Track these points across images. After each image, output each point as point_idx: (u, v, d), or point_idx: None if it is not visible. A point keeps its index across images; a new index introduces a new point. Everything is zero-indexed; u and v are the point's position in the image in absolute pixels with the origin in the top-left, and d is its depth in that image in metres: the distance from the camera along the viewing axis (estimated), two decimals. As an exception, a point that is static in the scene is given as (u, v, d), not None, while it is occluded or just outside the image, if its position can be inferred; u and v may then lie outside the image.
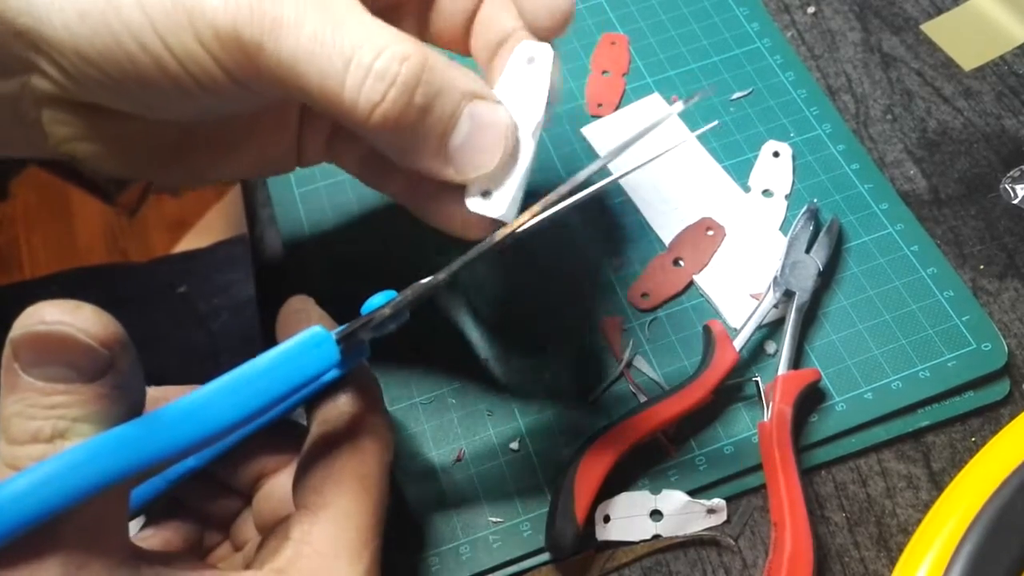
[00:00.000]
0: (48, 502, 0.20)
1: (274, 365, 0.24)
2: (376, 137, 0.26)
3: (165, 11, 0.23)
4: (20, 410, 0.21)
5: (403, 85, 0.24)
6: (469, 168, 0.27)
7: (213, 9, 0.23)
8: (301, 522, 0.26)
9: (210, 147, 0.31)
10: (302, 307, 0.30)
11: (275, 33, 0.23)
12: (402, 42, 0.24)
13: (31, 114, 0.27)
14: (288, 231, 0.43)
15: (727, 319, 0.40)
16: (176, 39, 0.23)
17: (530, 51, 0.28)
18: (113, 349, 0.21)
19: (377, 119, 0.24)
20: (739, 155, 0.44)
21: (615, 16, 0.49)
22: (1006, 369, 0.38)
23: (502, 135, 0.27)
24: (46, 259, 1.28)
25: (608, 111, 0.46)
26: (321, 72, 0.24)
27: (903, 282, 0.40)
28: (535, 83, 0.28)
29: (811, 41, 0.49)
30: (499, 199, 0.28)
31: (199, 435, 0.23)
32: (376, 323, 0.27)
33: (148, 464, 0.22)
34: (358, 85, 0.24)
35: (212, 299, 0.58)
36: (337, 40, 0.23)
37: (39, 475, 0.20)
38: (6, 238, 1.29)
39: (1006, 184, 0.44)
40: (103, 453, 0.21)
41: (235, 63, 0.24)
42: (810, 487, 0.37)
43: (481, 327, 0.40)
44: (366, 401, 0.28)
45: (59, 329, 0.21)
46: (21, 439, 0.21)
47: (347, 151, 0.34)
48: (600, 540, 0.35)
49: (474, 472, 0.37)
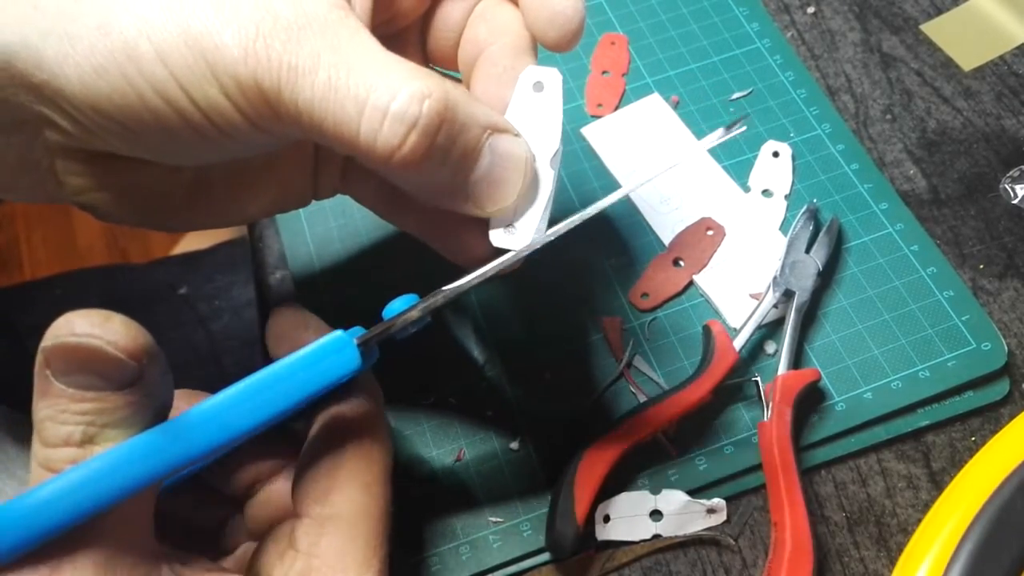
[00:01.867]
0: (83, 505, 0.21)
1: (295, 370, 0.25)
2: (396, 176, 0.26)
3: (186, 63, 0.23)
4: (52, 415, 0.22)
5: (424, 127, 0.23)
6: (489, 203, 0.27)
7: (234, 60, 0.23)
8: (308, 533, 0.26)
9: (227, 189, 0.31)
10: (296, 315, 0.30)
11: (291, 80, 0.23)
12: (421, 79, 0.23)
13: (43, 164, 0.26)
14: (288, 231, 0.43)
15: (727, 319, 0.40)
16: (199, 90, 0.23)
17: (536, 76, 0.28)
18: (141, 360, 0.22)
19: (397, 161, 0.24)
20: (739, 155, 0.44)
21: (615, 16, 0.49)
22: (1006, 369, 0.38)
23: (522, 168, 0.26)
24: (46, 259, 1.28)
25: (608, 111, 0.46)
26: (335, 118, 0.23)
27: (903, 282, 0.40)
28: (547, 110, 0.28)
29: (811, 41, 0.49)
30: (523, 232, 0.27)
31: (223, 438, 0.23)
32: (399, 328, 0.26)
33: (176, 467, 0.23)
34: (375, 129, 0.23)
35: (213, 300, 0.58)
36: (351, 84, 0.23)
37: (74, 480, 0.21)
38: (6, 238, 1.29)
39: (1006, 184, 0.44)
40: (133, 459, 0.22)
41: (255, 111, 0.24)
42: (810, 487, 0.37)
43: (481, 327, 0.40)
44: (369, 406, 0.28)
45: (88, 342, 0.21)
46: (54, 442, 0.22)
47: (361, 184, 0.33)
48: (600, 540, 0.35)
49: (474, 472, 0.37)
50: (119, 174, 0.27)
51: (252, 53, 0.23)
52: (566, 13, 0.27)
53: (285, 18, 0.23)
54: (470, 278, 0.27)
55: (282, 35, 0.23)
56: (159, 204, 0.29)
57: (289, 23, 0.23)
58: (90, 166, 0.26)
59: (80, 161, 0.26)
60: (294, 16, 0.23)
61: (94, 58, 0.23)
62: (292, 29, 0.23)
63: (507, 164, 0.26)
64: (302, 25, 0.23)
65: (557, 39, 0.28)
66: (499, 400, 0.38)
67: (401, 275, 0.41)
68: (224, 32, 0.23)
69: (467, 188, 0.26)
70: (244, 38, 0.23)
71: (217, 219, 0.32)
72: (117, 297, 0.60)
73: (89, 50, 0.23)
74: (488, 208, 0.27)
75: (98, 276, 0.65)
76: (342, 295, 0.41)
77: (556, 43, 0.28)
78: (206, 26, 0.23)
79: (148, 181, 0.28)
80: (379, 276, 0.41)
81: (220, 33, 0.23)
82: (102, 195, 0.27)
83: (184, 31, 0.23)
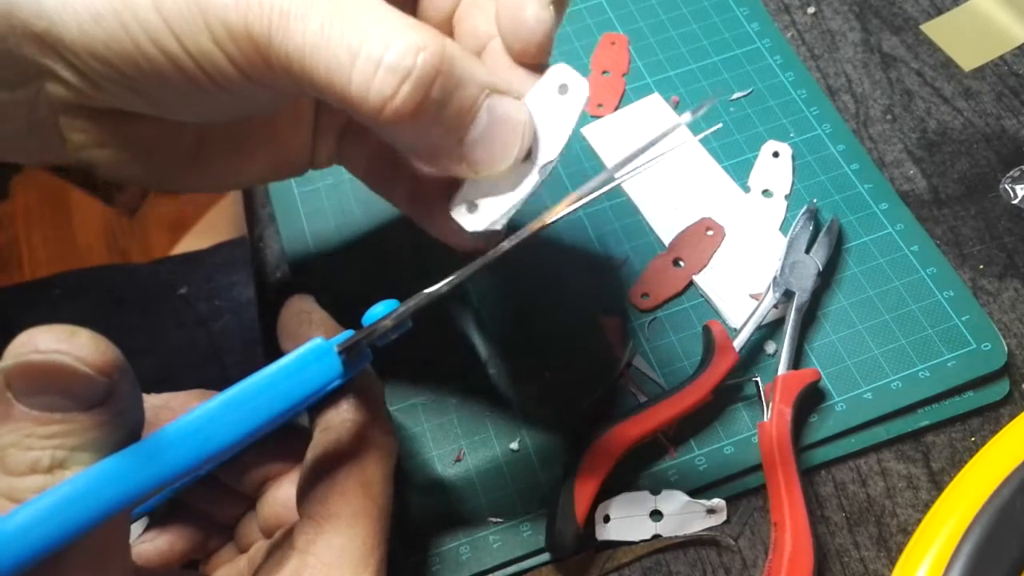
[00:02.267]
0: (52, 536, 0.20)
1: (275, 380, 0.24)
2: (389, 132, 0.25)
3: (179, 11, 0.23)
4: (16, 440, 0.20)
5: (419, 79, 0.23)
6: (484, 166, 0.26)
7: (225, 5, 0.22)
8: (305, 532, 0.26)
9: (227, 150, 0.30)
10: (304, 308, 0.30)
11: (282, 26, 0.22)
12: (417, 31, 0.23)
13: (47, 121, 0.26)
14: (288, 231, 0.43)
15: (727, 319, 0.40)
16: (191, 38, 0.23)
17: (565, 78, 0.26)
18: (112, 376, 0.20)
19: (389, 114, 0.23)
20: (739, 155, 0.44)
21: (615, 16, 0.49)
22: (1006, 369, 0.38)
23: (520, 132, 0.25)
24: (46, 259, 1.28)
25: (608, 111, 0.46)
26: (327, 67, 0.23)
27: (903, 282, 0.40)
28: (562, 117, 0.26)
29: (811, 41, 0.49)
30: (484, 215, 0.26)
31: (200, 456, 0.22)
32: (379, 334, 0.26)
33: (150, 489, 0.21)
34: (367, 79, 0.23)
35: (213, 300, 0.58)
36: (345, 33, 0.22)
37: (41, 508, 0.20)
38: (6, 238, 1.29)
39: (1006, 184, 0.44)
40: (105, 482, 0.21)
41: (246, 59, 0.23)
42: (810, 487, 0.37)
43: (481, 327, 0.40)
44: (369, 407, 0.28)
45: (54, 359, 0.20)
46: (18, 470, 0.20)
47: (354, 152, 0.33)
48: (600, 540, 0.35)
49: (474, 472, 0.37)
50: (121, 131, 0.27)
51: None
52: (528, 24, 0.26)
53: None
54: (447, 281, 0.26)
55: None
56: (160, 163, 0.29)
57: None
58: (93, 122, 0.26)
59: (83, 117, 0.26)
60: None
61: (92, 5, 0.23)
62: None
63: (505, 127, 0.25)
64: None
65: (520, 50, 0.27)
66: (499, 400, 0.38)
67: (401, 275, 0.41)
68: None
69: (462, 149, 0.25)
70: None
71: (216, 181, 0.32)
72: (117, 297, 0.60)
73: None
74: (482, 172, 0.26)
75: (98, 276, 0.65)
76: (342, 294, 0.41)
77: (519, 55, 0.27)
78: None
79: (150, 138, 0.28)
80: (379, 275, 0.41)
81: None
82: (105, 152, 0.27)
83: None
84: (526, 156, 0.26)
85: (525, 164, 0.26)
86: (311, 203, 0.43)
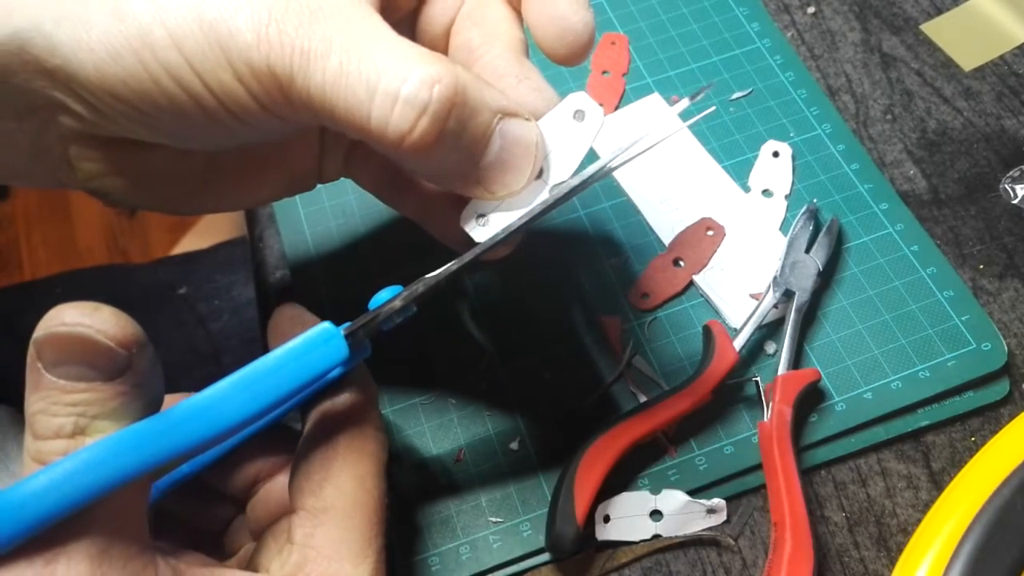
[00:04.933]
0: (72, 496, 0.21)
1: (285, 361, 0.25)
2: (406, 161, 0.26)
3: (200, 49, 0.23)
4: (44, 407, 0.22)
5: (435, 112, 0.23)
6: (499, 187, 0.26)
7: (247, 46, 0.23)
8: (303, 525, 0.26)
9: (237, 173, 0.31)
10: (294, 313, 0.30)
11: (304, 65, 0.23)
12: (431, 63, 0.23)
13: (56, 150, 0.26)
14: (288, 231, 0.43)
15: (727, 319, 0.40)
16: (212, 76, 0.23)
17: (582, 104, 0.27)
18: (131, 349, 0.22)
19: (408, 146, 0.24)
20: (739, 155, 0.44)
21: (615, 16, 0.49)
22: (1006, 369, 0.38)
23: (532, 153, 0.26)
24: (46, 259, 1.28)
25: (608, 111, 0.46)
26: (347, 103, 0.23)
27: (903, 282, 0.40)
28: (576, 143, 0.27)
29: (811, 41, 0.49)
30: (493, 230, 0.27)
31: (215, 430, 0.23)
32: (384, 317, 0.27)
33: (166, 459, 0.23)
34: (386, 115, 0.23)
35: (213, 300, 0.59)
36: (362, 69, 0.23)
37: (63, 471, 0.21)
38: (6, 238, 1.29)
39: (1006, 184, 0.44)
40: (122, 450, 0.22)
41: (269, 96, 0.24)
42: (810, 487, 0.37)
43: (481, 327, 0.40)
44: (363, 400, 0.28)
45: (78, 331, 0.21)
46: (45, 435, 0.22)
47: (362, 168, 0.34)
48: (600, 540, 0.35)
49: (474, 472, 0.37)
50: (132, 159, 0.27)
51: (265, 38, 0.23)
52: (576, 29, 0.27)
53: (297, 2, 0.23)
54: (450, 266, 0.27)
55: (294, 19, 0.23)
56: (171, 189, 0.29)
57: (301, 7, 0.23)
58: (104, 151, 0.26)
59: (94, 147, 0.26)
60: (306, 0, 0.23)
61: (109, 43, 0.23)
62: (304, 13, 0.23)
63: (517, 149, 0.26)
64: (314, 9, 0.23)
65: (566, 55, 0.27)
66: (499, 400, 0.38)
67: (401, 274, 0.41)
68: (237, 17, 0.23)
69: (477, 172, 0.26)
70: (257, 23, 0.23)
71: (226, 203, 0.32)
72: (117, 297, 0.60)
73: (103, 35, 0.23)
74: (498, 192, 0.27)
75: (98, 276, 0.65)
76: (342, 294, 0.41)
77: (565, 59, 0.27)
78: (220, 11, 0.23)
79: (161, 166, 0.28)
80: (379, 275, 0.41)
81: (233, 18, 0.23)
82: (115, 180, 0.27)
83: (198, 16, 0.23)
84: (539, 175, 0.27)
85: (537, 182, 0.27)
86: (311, 203, 0.43)
